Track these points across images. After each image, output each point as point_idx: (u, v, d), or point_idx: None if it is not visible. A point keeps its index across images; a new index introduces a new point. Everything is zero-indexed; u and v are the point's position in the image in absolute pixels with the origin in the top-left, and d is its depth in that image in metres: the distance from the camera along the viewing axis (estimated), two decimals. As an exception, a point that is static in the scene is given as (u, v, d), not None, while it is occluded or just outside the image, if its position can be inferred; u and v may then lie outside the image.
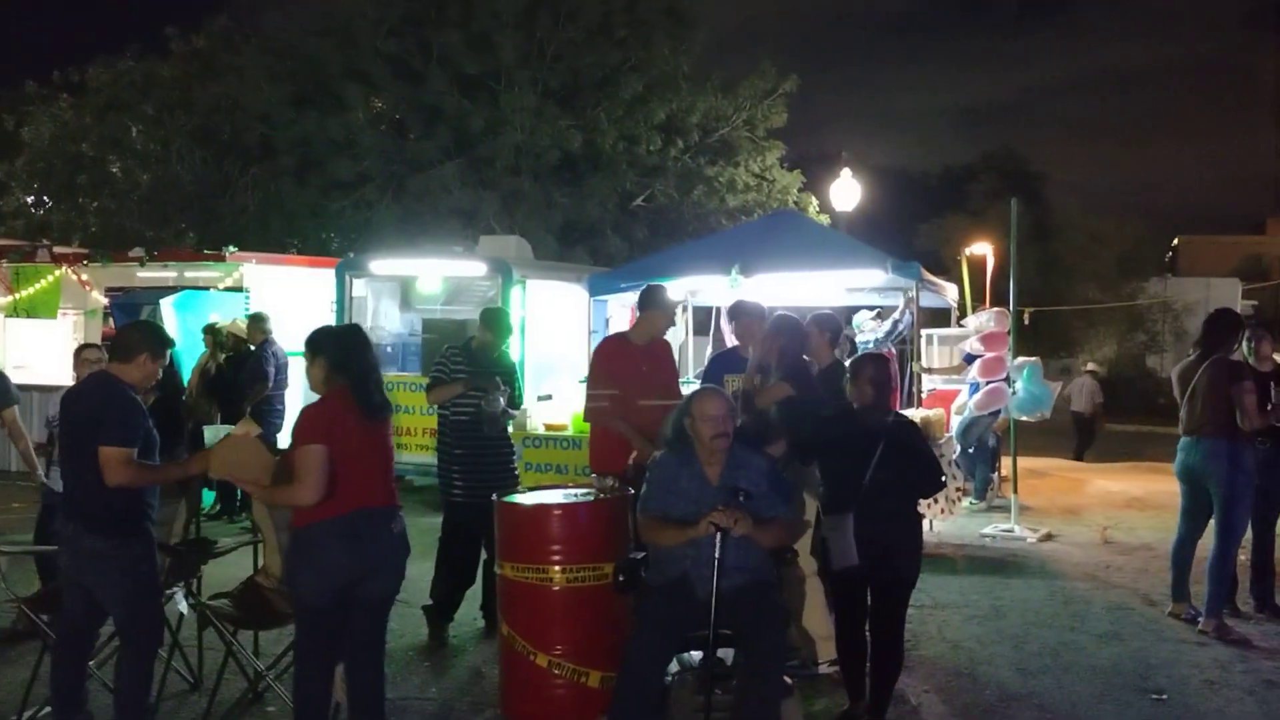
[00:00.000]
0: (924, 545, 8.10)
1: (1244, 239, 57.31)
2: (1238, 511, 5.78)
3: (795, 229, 10.34)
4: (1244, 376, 5.73)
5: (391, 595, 3.98)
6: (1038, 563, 7.58)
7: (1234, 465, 5.72)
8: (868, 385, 4.37)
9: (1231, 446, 5.72)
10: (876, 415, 4.36)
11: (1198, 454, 5.85)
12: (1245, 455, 5.73)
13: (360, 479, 3.78)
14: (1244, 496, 5.76)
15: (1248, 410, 5.64)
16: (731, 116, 18.68)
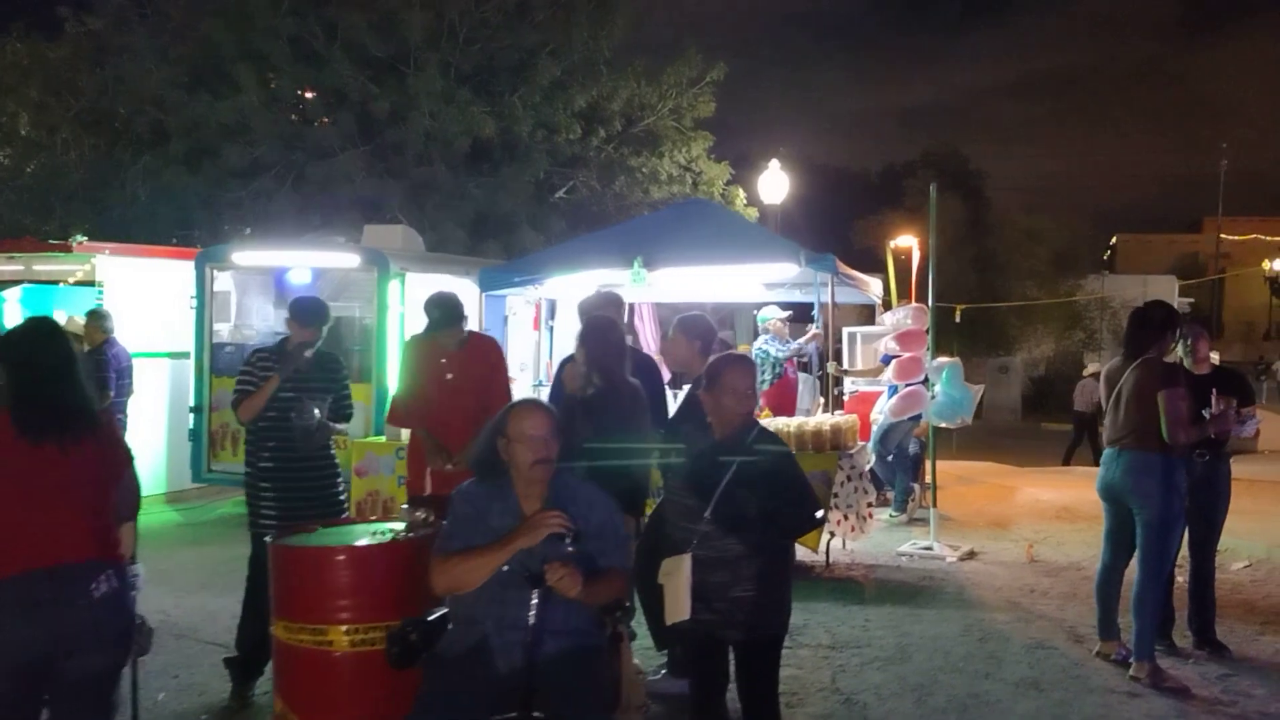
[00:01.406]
0: (834, 566, 7.48)
1: (1180, 237, 57.96)
2: (1165, 536, 5.05)
3: (706, 219, 9.55)
4: (1175, 381, 5.00)
5: (106, 673, 3.08)
6: (955, 588, 6.84)
7: (1161, 483, 4.99)
8: (725, 395, 3.54)
9: (1158, 461, 4.98)
10: (730, 431, 3.53)
11: (1118, 469, 5.11)
12: (1175, 471, 4.99)
13: (38, 528, 2.87)
14: (1173, 519, 5.03)
15: (1176, 420, 4.89)
16: (657, 105, 17.83)
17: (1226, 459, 5.55)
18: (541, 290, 10.59)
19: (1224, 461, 5.53)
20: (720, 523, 3.42)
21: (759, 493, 3.39)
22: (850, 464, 7.37)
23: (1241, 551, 7.73)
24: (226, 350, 9.29)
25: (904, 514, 9.18)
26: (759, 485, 3.39)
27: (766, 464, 3.44)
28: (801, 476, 3.58)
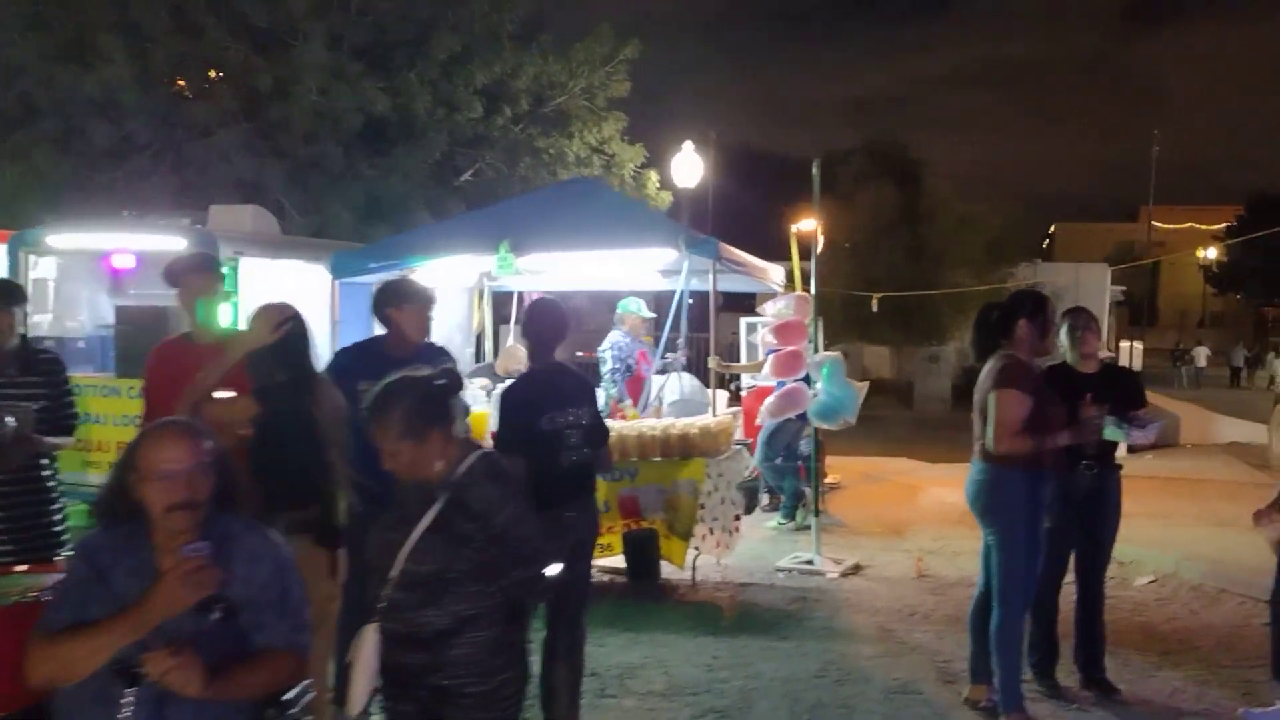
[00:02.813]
0: (700, 586, 6.71)
1: (1118, 226, 58.31)
2: (1011, 561, 4.36)
3: (587, 200, 8.68)
4: (1012, 381, 4.29)
5: None
6: (828, 611, 6.09)
7: (1001, 499, 4.33)
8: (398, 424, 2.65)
9: (997, 473, 4.32)
10: (425, 466, 2.68)
11: (967, 481, 4.48)
12: (1017, 486, 4.30)
13: None
14: (1016, 541, 4.33)
15: (1004, 427, 4.23)
16: (568, 84, 16.97)
17: (1116, 470, 4.83)
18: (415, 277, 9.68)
19: (1114, 472, 4.82)
20: (409, 588, 2.59)
21: (466, 548, 2.56)
22: (718, 471, 6.60)
23: (1148, 565, 7.08)
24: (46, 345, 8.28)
25: (793, 521, 8.44)
26: (466, 537, 2.57)
27: (479, 508, 2.61)
28: (528, 524, 2.73)
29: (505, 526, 2.61)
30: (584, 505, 4.15)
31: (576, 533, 4.06)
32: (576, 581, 4.12)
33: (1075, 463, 4.71)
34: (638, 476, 6.52)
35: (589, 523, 4.21)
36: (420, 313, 4.22)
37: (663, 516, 6.50)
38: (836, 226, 27.13)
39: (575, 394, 4.16)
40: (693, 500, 6.43)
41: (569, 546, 3.96)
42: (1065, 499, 4.72)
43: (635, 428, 6.75)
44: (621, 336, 8.58)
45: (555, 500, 3.81)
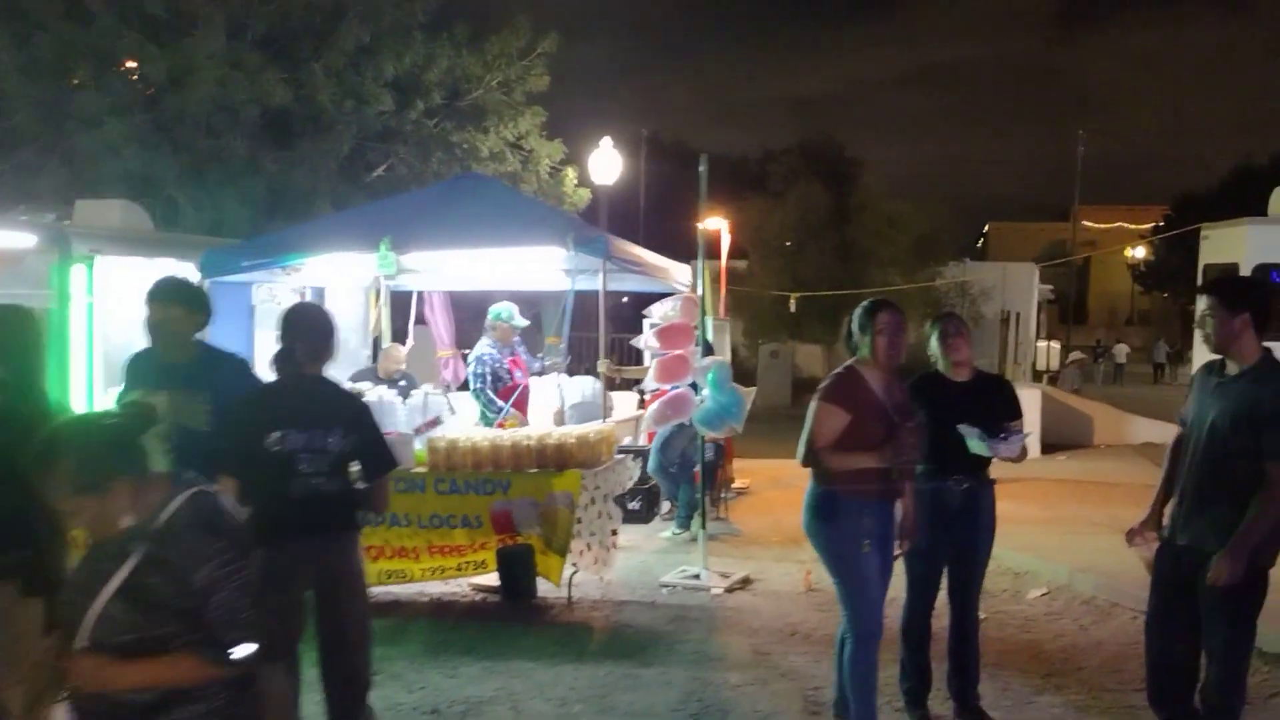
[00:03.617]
0: (576, 605, 6.34)
1: (1050, 225, 59.00)
2: (844, 587, 4.09)
3: (477, 196, 8.30)
4: (831, 394, 4.06)
5: None
6: (705, 631, 5.78)
7: (822, 521, 4.08)
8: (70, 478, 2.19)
9: (818, 494, 4.09)
10: (113, 521, 2.25)
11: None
12: (838, 505, 4.03)
13: None
14: (847, 567, 4.06)
15: (809, 439, 4.01)
16: (484, 77, 16.51)
17: (989, 484, 4.56)
18: (302, 277, 9.24)
19: (986, 487, 4.54)
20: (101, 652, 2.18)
21: (164, 612, 2.16)
22: (595, 484, 6.25)
23: (1042, 576, 6.86)
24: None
25: (688, 531, 8.11)
26: (163, 600, 2.17)
27: (179, 564, 2.20)
28: (237, 583, 2.28)
29: (207, 585, 2.19)
30: (323, 545, 3.68)
31: (319, 573, 3.62)
32: (345, 626, 3.70)
33: (946, 477, 4.45)
34: (511, 489, 6.15)
35: (339, 562, 3.72)
36: (180, 313, 3.79)
37: (539, 531, 6.13)
38: (767, 225, 27.02)
39: (327, 415, 3.71)
40: (569, 514, 6.07)
41: (311, 588, 3.55)
42: (935, 516, 4.45)
43: (509, 437, 6.39)
44: (489, 347, 8.19)
45: (280, 535, 3.36)
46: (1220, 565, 3.67)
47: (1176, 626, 3.92)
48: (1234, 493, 3.70)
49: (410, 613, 6.19)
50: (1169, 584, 3.94)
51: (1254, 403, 3.65)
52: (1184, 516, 3.88)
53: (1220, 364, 3.85)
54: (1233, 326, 3.72)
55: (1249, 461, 3.65)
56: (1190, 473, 3.88)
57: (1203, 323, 3.81)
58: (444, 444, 6.30)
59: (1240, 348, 3.73)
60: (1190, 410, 3.92)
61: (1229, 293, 3.81)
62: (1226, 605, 3.76)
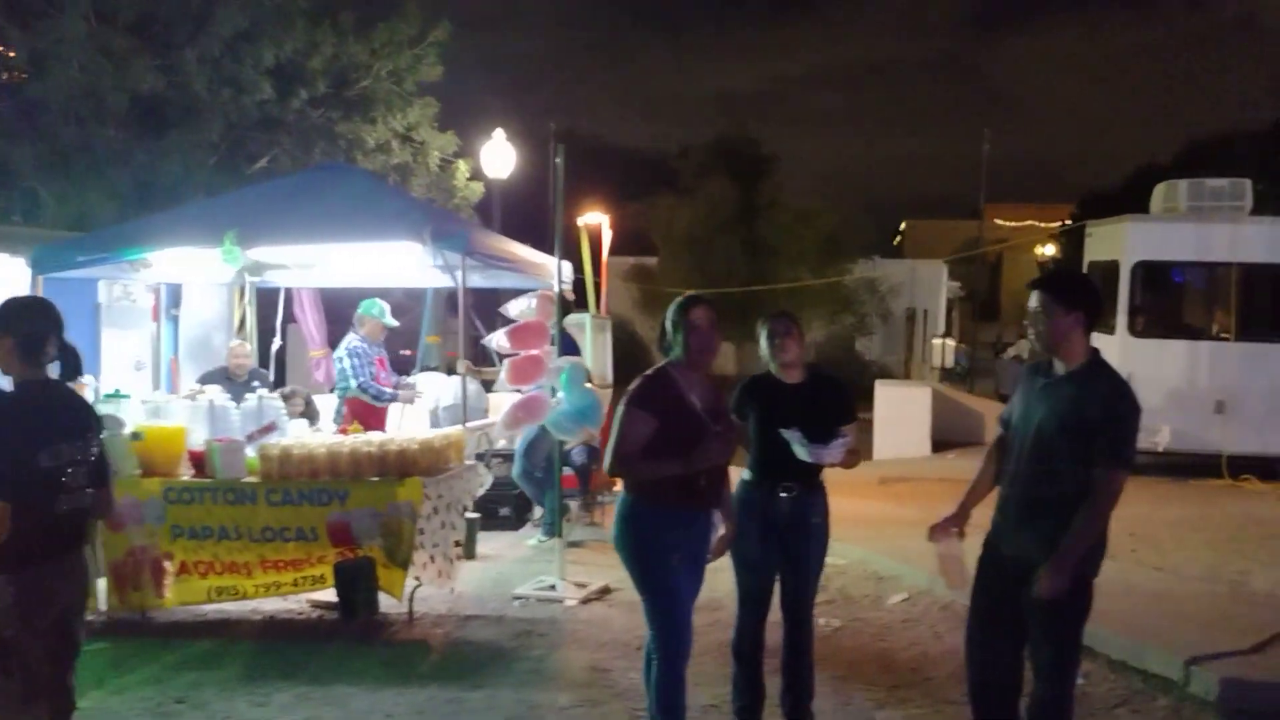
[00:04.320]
0: (417, 620, 5.99)
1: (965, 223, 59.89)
2: (649, 602, 3.86)
3: (336, 188, 7.90)
4: (638, 399, 3.79)
5: None
6: (548, 647, 5.48)
7: (625, 530, 3.85)
8: None
9: (629, 506, 3.85)
10: None
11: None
12: (645, 516, 3.79)
13: None
14: (657, 579, 3.82)
15: (614, 447, 3.77)
16: (372, 66, 16.01)
17: (820, 492, 4.32)
18: (155, 273, 8.72)
19: (817, 495, 4.31)
20: None
21: None
22: (438, 492, 5.91)
23: (905, 580, 6.70)
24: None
25: (555, 538, 7.80)
26: None
27: None
28: None
29: None
30: (75, 562, 3.33)
31: (65, 596, 3.25)
32: (78, 642, 3.35)
33: (774, 485, 4.21)
34: (348, 499, 5.79)
35: (79, 583, 3.36)
36: None
37: (380, 543, 5.78)
38: (676, 221, 26.83)
39: (77, 421, 3.34)
40: (412, 525, 5.74)
41: (55, 614, 3.18)
42: (764, 525, 4.22)
43: (348, 444, 6.01)
44: (359, 341, 7.83)
45: (43, 557, 3.05)
46: (1046, 579, 3.49)
47: (999, 638, 3.74)
48: (1060, 500, 3.52)
49: (238, 633, 5.79)
50: (992, 594, 3.76)
51: (1082, 405, 3.47)
52: (1009, 525, 3.69)
53: (1047, 364, 3.66)
54: (1064, 325, 3.52)
55: (1076, 467, 3.47)
56: (1015, 479, 3.68)
57: (1034, 320, 3.61)
58: (276, 452, 5.91)
59: (1069, 348, 3.55)
60: (1015, 412, 3.72)
61: (1062, 291, 3.61)
62: (1051, 618, 3.58)
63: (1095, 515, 3.47)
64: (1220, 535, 8.01)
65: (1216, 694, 4.49)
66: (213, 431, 6.52)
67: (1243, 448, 10.15)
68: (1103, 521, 3.52)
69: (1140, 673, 4.92)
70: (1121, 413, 3.46)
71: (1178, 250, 10.51)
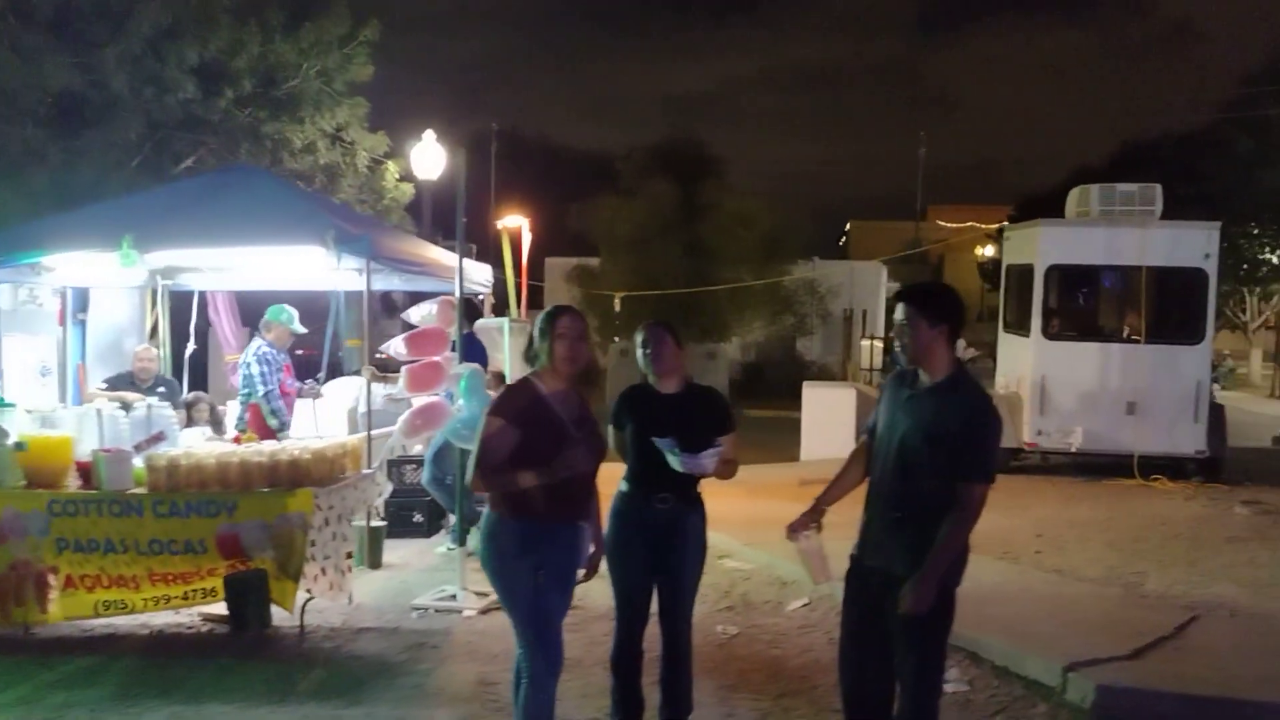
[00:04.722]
0: (310, 633, 5.88)
1: (907, 224, 60.56)
2: (520, 620, 3.78)
3: (237, 189, 7.77)
4: (499, 408, 3.75)
5: None
6: (437, 661, 5.40)
7: (494, 546, 3.79)
8: None
9: (492, 520, 3.81)
10: None
11: None
12: (509, 530, 3.75)
13: None
14: (522, 596, 3.75)
15: (479, 457, 3.71)
16: (302, 66, 15.77)
17: (697, 503, 4.29)
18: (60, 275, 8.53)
19: (693, 506, 4.28)
20: None
21: None
22: (329, 503, 5.81)
23: (807, 586, 6.69)
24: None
25: (464, 546, 7.71)
26: None
27: None
28: None
29: None
30: None
31: None
32: None
33: (650, 495, 4.18)
34: (237, 511, 5.68)
35: None
36: None
37: (272, 555, 5.67)
38: (618, 222, 26.77)
39: None
40: (304, 536, 5.64)
41: None
42: (639, 536, 4.19)
43: (238, 454, 5.90)
44: (267, 347, 7.71)
45: None
46: (912, 594, 3.49)
47: (869, 650, 3.75)
48: (923, 513, 3.52)
49: (123, 648, 5.64)
50: (859, 606, 3.77)
51: (945, 418, 3.47)
52: (873, 537, 3.70)
53: (913, 375, 3.66)
54: (929, 338, 3.52)
55: (940, 480, 3.48)
56: (880, 491, 3.69)
57: (900, 332, 3.61)
58: (164, 462, 5.77)
59: (934, 360, 3.55)
60: (880, 422, 3.73)
61: (928, 303, 3.60)
62: (915, 631, 3.59)
63: (958, 529, 3.47)
64: (1124, 536, 8.12)
65: (1092, 700, 4.53)
66: (102, 441, 6.37)
67: (1153, 448, 10.32)
68: (966, 535, 3.52)
69: (1022, 679, 4.96)
70: (983, 426, 3.47)
71: (1089, 254, 10.66)
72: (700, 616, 6.20)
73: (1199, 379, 10.28)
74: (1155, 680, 4.61)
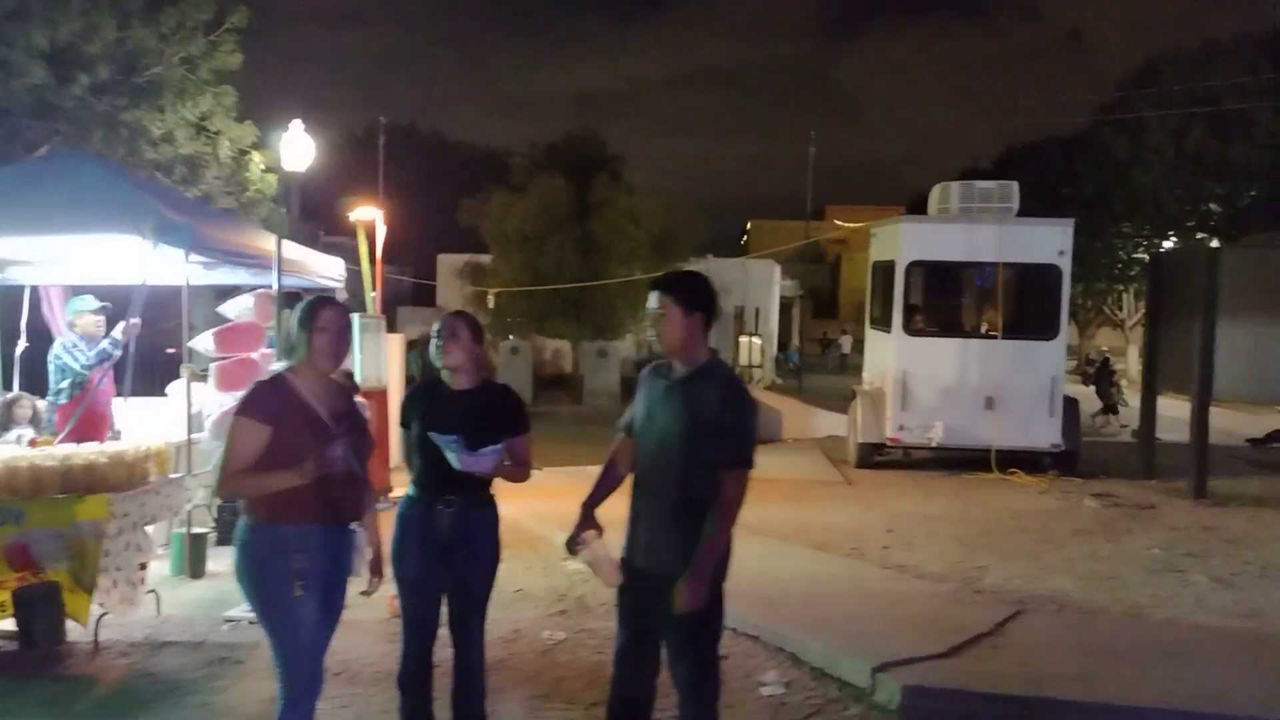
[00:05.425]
0: (103, 649, 5.47)
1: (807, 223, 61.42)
2: (276, 636, 3.49)
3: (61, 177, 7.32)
4: (248, 407, 3.49)
5: None
6: (234, 678, 5.08)
7: (247, 556, 3.49)
8: None
9: (246, 528, 3.51)
10: None
11: None
12: (263, 537, 3.46)
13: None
14: (279, 610, 3.46)
15: (227, 461, 3.44)
16: (164, 52, 15.11)
17: (487, 506, 4.06)
18: None
19: (482, 509, 4.05)
20: None
21: None
22: (124, 510, 5.45)
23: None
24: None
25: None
26: None
27: None
28: None
29: None
30: None
31: None
32: None
33: (436, 497, 3.94)
34: (25, 519, 5.30)
35: None
36: None
37: (66, 566, 5.30)
38: (508, 219, 26.42)
39: None
40: (98, 545, 5.28)
41: None
42: (425, 542, 3.95)
43: (28, 458, 5.49)
44: (78, 339, 7.26)
45: None
46: (685, 592, 3.36)
47: (643, 654, 3.64)
48: (690, 507, 3.42)
49: (-106, 670, 5.19)
50: (633, 610, 3.64)
51: (702, 407, 3.39)
52: (642, 537, 3.58)
53: (668, 366, 3.57)
54: (684, 327, 3.46)
55: (703, 471, 3.38)
56: (645, 487, 3.59)
57: (654, 322, 3.51)
58: (-56, 469, 5.34)
59: (690, 349, 3.49)
60: (638, 417, 3.61)
61: (682, 292, 3.53)
62: (689, 630, 3.48)
63: (722, 520, 3.39)
64: (973, 530, 8.17)
65: (899, 702, 4.44)
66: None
67: (1011, 442, 10.46)
68: (730, 526, 3.43)
69: (838, 681, 4.87)
70: (740, 413, 3.41)
71: (949, 250, 10.77)
72: (530, 621, 6.05)
73: (1054, 374, 10.44)
74: (963, 679, 4.54)
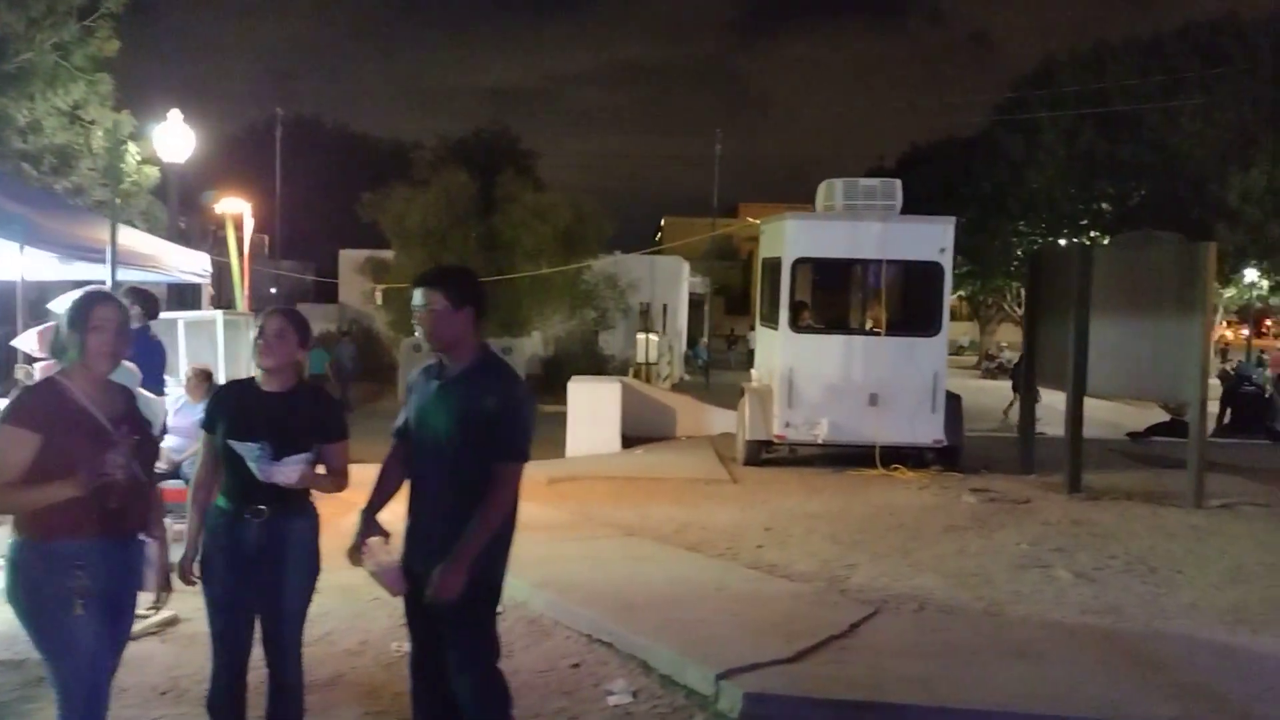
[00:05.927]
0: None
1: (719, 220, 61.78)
2: (54, 661, 3.25)
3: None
4: (14, 414, 3.20)
5: None
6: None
7: (19, 576, 3.20)
8: None
9: (14, 544, 3.22)
10: None
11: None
12: (37, 555, 3.19)
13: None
14: (55, 633, 3.20)
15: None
16: (35, 38, 14.48)
17: (306, 514, 3.81)
18: None
19: (298, 519, 3.79)
20: None
21: None
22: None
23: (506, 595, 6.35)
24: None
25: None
26: None
27: None
28: None
29: None
30: None
31: None
32: None
33: (244, 508, 3.70)
34: None
35: None
36: None
37: None
38: (410, 214, 25.97)
39: None
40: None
41: None
42: (233, 556, 3.71)
43: None
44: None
45: None
46: (439, 578, 3.28)
47: (432, 661, 3.51)
48: (468, 508, 3.34)
49: None
50: (417, 617, 3.52)
51: (477, 403, 3.35)
52: (420, 540, 3.50)
53: (439, 365, 3.51)
54: (453, 322, 3.40)
55: (480, 467, 3.34)
56: (420, 491, 3.50)
57: (422, 319, 3.42)
58: None
59: (460, 346, 3.43)
60: (412, 420, 3.53)
61: (451, 287, 3.45)
62: (455, 628, 3.42)
63: (490, 510, 3.34)
64: (849, 528, 8.15)
65: (740, 709, 4.34)
66: None
67: (894, 439, 10.52)
68: (498, 517, 3.37)
69: (684, 688, 4.75)
70: (514, 405, 3.39)
71: (833, 247, 10.79)
72: (381, 631, 5.82)
73: (936, 370, 10.52)
74: (807, 685, 4.46)
